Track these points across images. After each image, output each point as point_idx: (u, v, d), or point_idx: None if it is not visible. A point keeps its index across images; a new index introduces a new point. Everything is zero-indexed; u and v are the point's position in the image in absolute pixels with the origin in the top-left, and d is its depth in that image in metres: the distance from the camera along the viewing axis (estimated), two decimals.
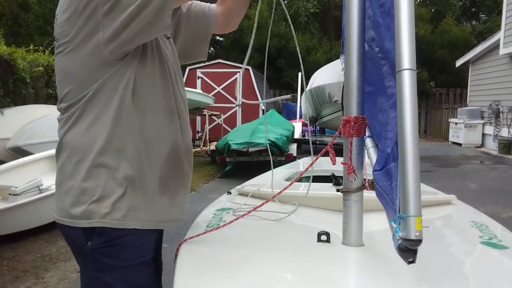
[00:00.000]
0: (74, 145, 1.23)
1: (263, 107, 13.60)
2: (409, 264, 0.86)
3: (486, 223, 1.57)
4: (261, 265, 1.15)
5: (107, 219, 1.20)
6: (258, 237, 1.40)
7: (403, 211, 0.84)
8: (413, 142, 0.84)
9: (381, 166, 1.09)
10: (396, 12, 0.87)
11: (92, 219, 1.20)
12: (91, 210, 1.20)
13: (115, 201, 1.21)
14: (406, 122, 0.84)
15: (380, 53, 1.11)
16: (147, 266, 1.29)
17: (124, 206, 1.22)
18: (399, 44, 0.86)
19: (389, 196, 1.01)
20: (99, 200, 1.20)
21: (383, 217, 1.50)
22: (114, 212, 1.21)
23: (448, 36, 19.29)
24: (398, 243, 0.86)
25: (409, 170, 0.83)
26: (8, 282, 3.36)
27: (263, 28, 19.69)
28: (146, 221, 1.26)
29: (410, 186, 0.83)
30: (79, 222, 1.21)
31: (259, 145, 7.43)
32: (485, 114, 12.64)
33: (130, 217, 1.23)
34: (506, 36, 11.16)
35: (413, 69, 0.85)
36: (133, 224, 1.23)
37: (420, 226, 0.82)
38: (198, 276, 1.11)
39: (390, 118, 1.06)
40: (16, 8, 18.52)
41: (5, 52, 7.20)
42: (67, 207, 1.23)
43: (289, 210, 1.60)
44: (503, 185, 7.29)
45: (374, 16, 1.10)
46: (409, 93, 0.84)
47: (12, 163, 5.14)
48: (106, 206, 1.20)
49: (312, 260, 1.18)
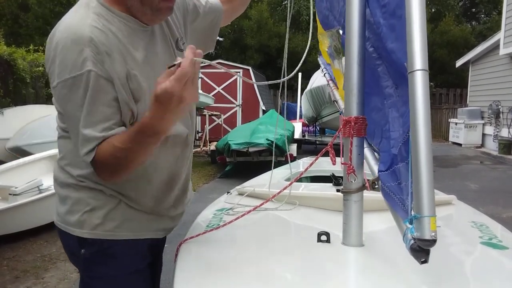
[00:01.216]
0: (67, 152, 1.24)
1: (263, 108, 13.60)
2: (422, 264, 0.86)
3: (486, 224, 1.57)
4: (261, 265, 1.15)
5: (98, 230, 1.21)
6: (258, 237, 1.40)
7: (417, 211, 0.84)
8: (426, 143, 0.83)
9: (387, 166, 1.09)
10: (408, 14, 0.87)
11: (83, 229, 1.21)
12: (84, 220, 1.21)
13: (107, 212, 1.21)
14: (419, 122, 0.84)
15: (376, 53, 1.11)
16: (140, 274, 1.29)
17: (118, 217, 1.22)
18: (411, 45, 0.86)
19: (398, 196, 1.01)
20: (92, 210, 1.21)
21: (383, 217, 1.50)
22: (106, 223, 1.21)
23: (448, 36, 19.30)
24: (410, 243, 0.86)
25: (423, 171, 0.83)
26: (8, 282, 3.36)
27: (263, 28, 19.76)
28: (141, 230, 1.27)
29: (424, 187, 0.83)
30: (73, 229, 1.23)
31: (259, 145, 7.43)
32: (485, 114, 12.63)
33: (124, 227, 1.23)
34: (506, 36, 11.15)
35: (426, 70, 0.84)
36: (124, 235, 1.23)
37: (434, 226, 0.82)
38: (198, 276, 1.11)
39: (391, 118, 1.06)
40: (16, 9, 18.52)
41: (5, 52, 7.20)
42: (63, 214, 1.25)
43: (287, 209, 1.60)
44: (503, 186, 7.28)
45: (373, 16, 1.10)
46: (422, 94, 0.84)
47: (12, 163, 5.14)
48: (98, 217, 1.21)
49: (312, 260, 1.18)
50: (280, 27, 20.00)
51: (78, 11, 1.15)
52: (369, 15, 1.12)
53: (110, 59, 1.09)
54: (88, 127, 1.08)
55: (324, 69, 2.23)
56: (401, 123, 1.01)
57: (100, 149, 1.08)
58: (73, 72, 1.06)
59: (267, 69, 19.15)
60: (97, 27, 1.10)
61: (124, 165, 1.10)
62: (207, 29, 1.48)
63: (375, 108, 1.26)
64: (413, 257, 0.87)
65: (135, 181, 1.22)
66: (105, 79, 1.08)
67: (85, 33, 1.08)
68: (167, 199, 1.32)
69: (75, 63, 1.06)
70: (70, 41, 1.07)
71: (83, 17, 1.12)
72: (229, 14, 1.55)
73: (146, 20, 1.20)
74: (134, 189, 1.23)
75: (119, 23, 1.15)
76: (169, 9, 1.20)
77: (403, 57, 0.91)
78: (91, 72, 1.06)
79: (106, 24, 1.13)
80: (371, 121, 1.22)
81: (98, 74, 1.07)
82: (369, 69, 1.17)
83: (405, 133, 0.98)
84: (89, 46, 1.07)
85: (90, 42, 1.07)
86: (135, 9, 1.16)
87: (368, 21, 1.12)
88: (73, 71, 1.06)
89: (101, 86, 1.08)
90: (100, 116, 1.09)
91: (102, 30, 1.11)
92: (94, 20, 1.12)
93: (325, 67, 2.22)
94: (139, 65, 1.16)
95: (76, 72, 1.06)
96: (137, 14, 1.18)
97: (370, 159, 1.26)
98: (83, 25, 1.10)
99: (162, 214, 1.31)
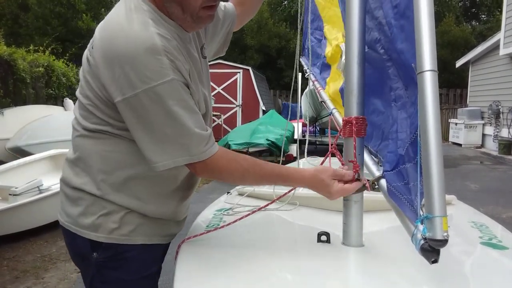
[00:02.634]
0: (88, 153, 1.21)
1: (263, 108, 13.60)
2: (432, 263, 0.86)
3: (486, 224, 1.57)
4: (261, 265, 1.15)
5: (114, 235, 1.19)
6: (258, 237, 1.40)
7: (428, 212, 0.84)
8: (437, 143, 0.83)
9: (393, 166, 1.09)
10: (416, 14, 0.87)
11: (99, 232, 1.18)
12: (99, 224, 1.18)
13: (123, 216, 1.19)
14: (429, 123, 0.84)
15: (386, 54, 1.10)
16: (150, 279, 1.29)
17: (134, 221, 1.21)
18: (420, 46, 0.85)
19: (405, 196, 1.01)
20: (108, 214, 1.18)
21: (383, 217, 1.50)
22: (122, 227, 1.19)
23: (448, 36, 19.30)
24: (421, 243, 0.86)
25: (434, 171, 0.83)
26: (8, 282, 3.36)
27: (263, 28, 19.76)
28: (153, 235, 1.26)
29: (435, 187, 0.83)
30: (86, 233, 1.19)
31: (259, 146, 7.43)
32: (485, 115, 12.64)
33: (138, 232, 1.22)
34: (506, 37, 11.16)
35: (435, 70, 0.84)
36: (139, 240, 1.22)
37: (446, 226, 0.83)
38: (198, 276, 1.11)
39: (400, 120, 1.06)
40: (16, 9, 18.52)
41: (5, 52, 7.21)
42: (75, 215, 1.21)
43: (286, 209, 1.60)
44: (503, 186, 7.29)
45: (385, 17, 1.10)
46: (431, 95, 0.84)
47: (12, 163, 5.13)
48: (114, 221, 1.18)
49: (312, 260, 1.18)
50: (280, 27, 20.01)
51: (131, 16, 1.08)
52: (382, 16, 1.11)
53: (181, 65, 1.09)
54: (198, 127, 1.10)
55: (307, 70, 2.24)
56: (408, 123, 1.02)
57: (222, 156, 1.16)
58: (157, 80, 1.03)
59: (267, 69, 19.17)
60: (162, 35, 1.07)
61: (238, 183, 1.25)
62: (225, 34, 1.47)
63: (376, 111, 1.26)
64: (424, 257, 0.87)
65: (157, 195, 1.23)
66: (186, 85, 1.10)
67: (156, 42, 1.04)
68: (182, 208, 1.34)
69: (158, 72, 1.03)
70: (144, 52, 1.03)
71: (144, 23, 1.07)
72: (241, 18, 1.53)
73: (186, 27, 1.18)
74: (154, 202, 1.24)
75: (171, 32, 1.13)
76: (211, 17, 1.18)
77: (411, 58, 0.91)
78: (174, 80, 1.05)
79: (165, 32, 1.09)
80: (370, 124, 1.22)
81: (180, 81, 1.08)
82: (378, 71, 1.17)
83: (412, 134, 0.98)
84: (165, 54, 1.05)
85: (164, 51, 1.05)
86: (175, 16, 1.14)
87: (380, 22, 1.12)
88: (157, 79, 1.03)
89: (186, 91, 1.10)
90: (199, 116, 1.13)
91: (166, 37, 1.08)
92: (154, 26, 1.08)
93: (308, 67, 2.22)
94: None
95: (160, 80, 1.04)
96: (177, 21, 1.15)
97: (368, 160, 1.26)
98: (150, 32, 1.05)
99: (170, 218, 1.31)
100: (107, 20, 1.13)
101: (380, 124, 1.25)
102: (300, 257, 1.22)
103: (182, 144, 1.10)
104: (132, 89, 1.05)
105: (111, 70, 1.06)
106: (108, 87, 1.09)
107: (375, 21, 1.16)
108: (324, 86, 1.97)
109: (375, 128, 1.27)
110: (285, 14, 21.58)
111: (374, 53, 1.18)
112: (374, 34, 1.17)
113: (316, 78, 2.11)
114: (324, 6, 2.01)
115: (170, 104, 1.06)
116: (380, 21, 1.12)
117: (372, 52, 1.19)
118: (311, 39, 2.19)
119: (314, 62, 2.23)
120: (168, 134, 1.08)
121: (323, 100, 1.82)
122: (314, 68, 2.23)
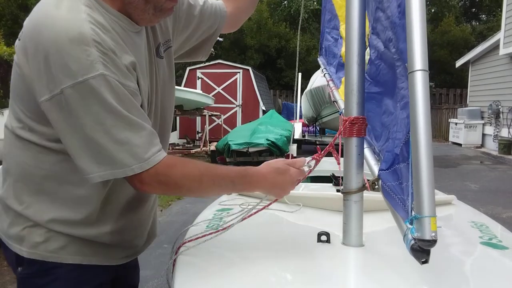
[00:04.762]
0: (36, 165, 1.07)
1: (263, 108, 13.60)
2: (423, 264, 0.86)
3: (486, 224, 1.57)
4: (261, 265, 1.15)
5: (39, 250, 1.04)
6: (258, 237, 1.40)
7: (417, 212, 0.84)
8: (426, 143, 0.83)
9: (388, 165, 1.09)
10: (408, 12, 0.87)
11: (22, 246, 1.05)
12: (23, 236, 1.05)
13: (52, 229, 1.04)
14: (419, 123, 0.84)
15: (396, 54, 1.10)
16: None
17: (63, 235, 1.05)
18: (411, 45, 0.86)
19: (399, 196, 1.01)
20: (34, 226, 1.04)
21: (383, 217, 1.50)
22: (50, 241, 1.04)
23: (448, 36, 19.32)
24: (411, 243, 0.86)
25: (423, 171, 0.83)
26: (8, 282, 3.36)
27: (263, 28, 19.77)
28: (92, 255, 1.09)
29: (424, 187, 0.83)
30: (13, 245, 1.07)
31: (259, 146, 7.44)
32: (485, 115, 12.64)
33: (70, 250, 1.05)
34: (506, 37, 11.16)
35: (426, 70, 0.84)
36: (70, 259, 1.06)
37: (435, 227, 0.82)
38: (198, 277, 1.11)
39: (400, 119, 1.06)
40: (16, 9, 18.51)
41: (5, 52, 7.20)
42: (6, 225, 1.09)
43: (290, 210, 1.60)
44: (503, 185, 7.28)
45: (392, 16, 1.10)
46: (422, 94, 0.84)
47: None
48: (40, 234, 1.04)
49: (312, 260, 1.18)
50: (280, 27, 20.01)
51: (61, 1, 0.95)
52: (391, 15, 1.11)
53: (117, 60, 0.95)
54: (135, 130, 0.95)
55: (324, 69, 2.24)
56: (405, 123, 1.02)
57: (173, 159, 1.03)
58: (82, 75, 0.90)
59: (267, 69, 19.17)
60: (95, 24, 0.93)
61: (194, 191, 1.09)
62: (205, 34, 1.35)
63: (387, 111, 1.25)
64: (414, 258, 0.87)
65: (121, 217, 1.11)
66: (120, 82, 0.95)
67: (84, 30, 0.91)
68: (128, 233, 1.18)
69: (83, 65, 0.90)
70: (68, 41, 0.90)
71: (74, 10, 0.93)
72: (235, 15, 1.41)
73: (143, 20, 1.06)
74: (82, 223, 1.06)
75: (111, 21, 0.99)
76: (171, 10, 1.08)
77: None
78: (104, 76, 0.91)
79: (102, 21, 0.96)
80: (380, 124, 1.21)
81: (113, 77, 0.93)
82: (392, 71, 1.17)
83: (406, 133, 0.98)
84: (94, 46, 0.91)
85: (93, 41, 0.91)
86: (134, 6, 1.01)
87: (391, 21, 1.12)
88: (82, 74, 0.90)
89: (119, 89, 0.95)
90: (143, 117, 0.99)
91: (102, 27, 0.95)
92: (88, 14, 0.94)
93: (325, 67, 2.22)
94: None
95: (86, 75, 0.90)
96: (135, 12, 1.03)
97: (370, 160, 1.26)
98: (80, 20, 0.92)
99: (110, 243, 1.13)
100: (36, 7, 0.99)
101: (388, 125, 1.25)
102: (300, 257, 1.22)
103: (119, 150, 0.94)
104: (56, 84, 0.91)
105: (35, 64, 0.93)
106: (32, 84, 0.96)
107: (388, 20, 1.15)
108: (339, 85, 1.96)
109: (385, 129, 1.27)
110: (285, 14, 21.59)
111: (388, 52, 1.17)
112: (388, 33, 1.16)
113: (332, 77, 2.11)
114: (341, 5, 2.00)
115: (101, 104, 0.91)
116: (391, 20, 1.12)
117: (387, 52, 1.18)
118: (328, 38, 2.19)
119: (330, 61, 2.22)
120: (100, 140, 0.93)
121: (335, 100, 1.82)
122: (330, 68, 2.22)
